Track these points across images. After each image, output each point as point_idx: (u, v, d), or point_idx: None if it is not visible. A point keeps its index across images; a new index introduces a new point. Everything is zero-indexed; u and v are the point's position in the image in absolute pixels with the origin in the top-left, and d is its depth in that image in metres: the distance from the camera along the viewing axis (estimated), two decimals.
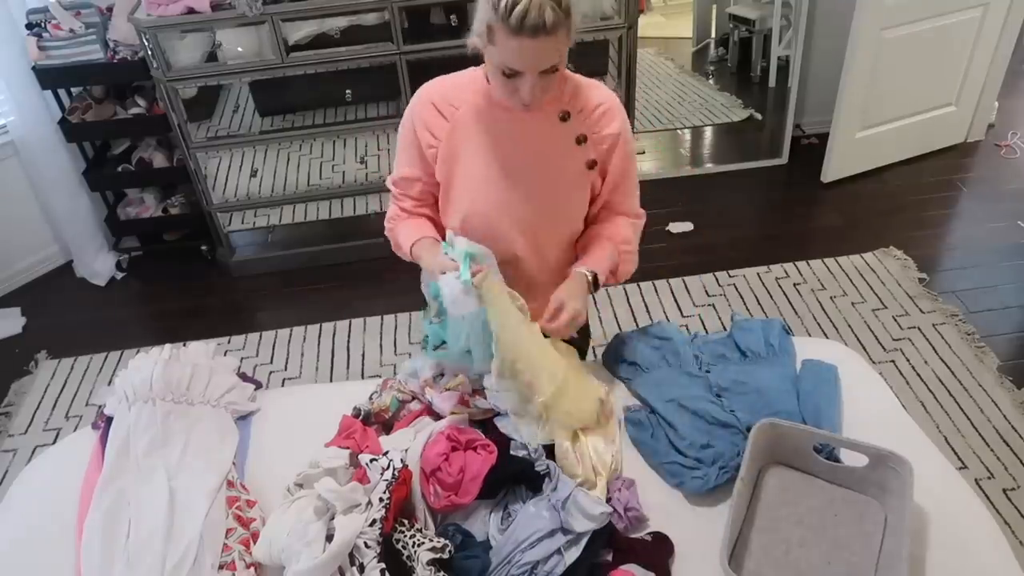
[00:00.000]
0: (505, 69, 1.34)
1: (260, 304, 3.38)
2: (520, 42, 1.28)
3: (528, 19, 1.25)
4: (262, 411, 1.70)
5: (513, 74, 1.34)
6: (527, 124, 1.48)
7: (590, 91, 1.52)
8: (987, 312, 2.97)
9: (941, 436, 2.46)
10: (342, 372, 2.94)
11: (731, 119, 4.51)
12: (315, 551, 1.22)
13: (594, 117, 1.50)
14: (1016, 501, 2.26)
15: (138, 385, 1.59)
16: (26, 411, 2.89)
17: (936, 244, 3.37)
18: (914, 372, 2.71)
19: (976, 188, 3.72)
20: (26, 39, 3.07)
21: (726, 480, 1.40)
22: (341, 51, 3.04)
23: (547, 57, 1.31)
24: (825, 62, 3.81)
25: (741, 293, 3.15)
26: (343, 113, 3.54)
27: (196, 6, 2.82)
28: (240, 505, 1.43)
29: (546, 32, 1.27)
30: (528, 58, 1.31)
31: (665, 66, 5.26)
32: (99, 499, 1.43)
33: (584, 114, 1.50)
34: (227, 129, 3.51)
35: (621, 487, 1.40)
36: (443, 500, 1.34)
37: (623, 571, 1.26)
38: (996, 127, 4.11)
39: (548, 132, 1.50)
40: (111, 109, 3.31)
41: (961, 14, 3.50)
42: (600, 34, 3.15)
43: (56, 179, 3.33)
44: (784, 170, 3.99)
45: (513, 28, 1.26)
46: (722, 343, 1.74)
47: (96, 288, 3.51)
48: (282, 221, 3.68)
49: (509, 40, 1.28)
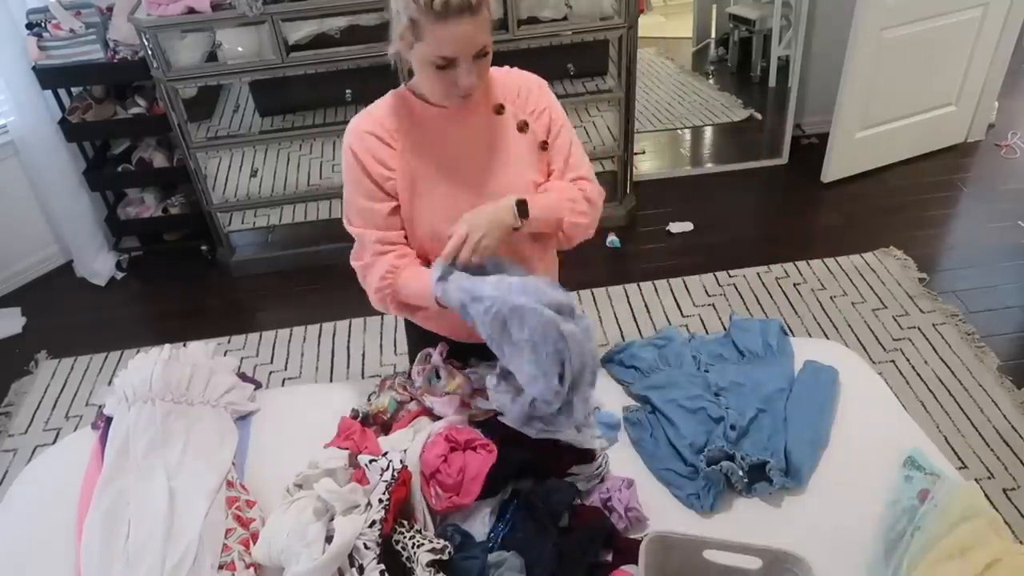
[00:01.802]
0: (437, 60, 1.32)
1: (260, 304, 3.38)
2: (449, 26, 1.26)
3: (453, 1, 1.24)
4: (262, 411, 1.71)
5: (447, 64, 1.32)
6: (469, 127, 1.47)
7: (507, 78, 1.52)
8: (987, 312, 2.97)
9: (941, 436, 2.46)
10: (342, 372, 2.94)
11: (731, 119, 4.51)
12: (314, 552, 1.22)
13: (521, 101, 1.51)
14: (1016, 501, 2.26)
15: (138, 385, 1.59)
16: (26, 411, 2.89)
17: (936, 244, 3.37)
18: (914, 372, 2.71)
19: (976, 188, 3.72)
20: (26, 39, 3.08)
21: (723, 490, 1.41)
22: (341, 51, 3.04)
23: (478, 38, 1.30)
24: (825, 62, 3.81)
25: (741, 293, 3.15)
26: (343, 113, 3.54)
27: (196, 6, 2.82)
28: (240, 505, 1.43)
29: (471, 11, 1.26)
30: (460, 41, 1.29)
31: (665, 66, 5.26)
32: (99, 499, 1.43)
33: (514, 101, 1.50)
34: (227, 129, 3.51)
35: (621, 487, 1.40)
36: (444, 501, 1.34)
37: (623, 571, 1.26)
38: (996, 127, 4.11)
39: (490, 128, 1.49)
40: (111, 109, 3.31)
41: (961, 14, 3.50)
42: (600, 34, 3.15)
43: (56, 179, 3.33)
44: (784, 170, 3.99)
45: (439, 12, 1.25)
46: (720, 343, 1.74)
47: (96, 288, 3.51)
48: (282, 221, 3.68)
49: (437, 28, 1.27)
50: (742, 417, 1.51)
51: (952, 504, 1.28)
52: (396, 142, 1.46)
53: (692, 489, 1.43)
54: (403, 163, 1.46)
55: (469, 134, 1.49)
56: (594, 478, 1.44)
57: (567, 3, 3.07)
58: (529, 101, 1.51)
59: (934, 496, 1.32)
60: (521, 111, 1.51)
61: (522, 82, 1.53)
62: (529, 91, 1.52)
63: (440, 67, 1.33)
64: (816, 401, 1.57)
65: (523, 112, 1.51)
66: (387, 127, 1.46)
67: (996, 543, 1.22)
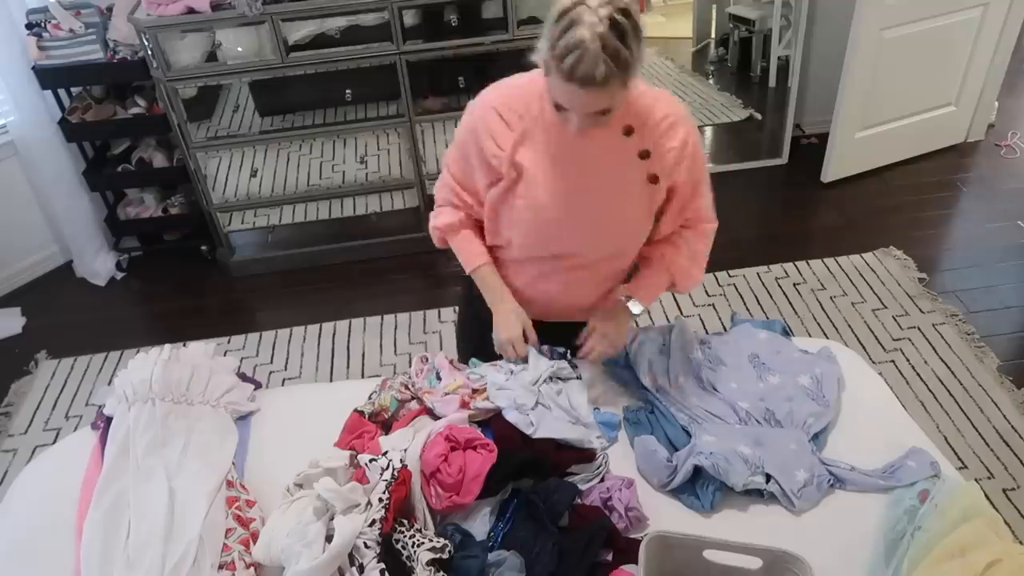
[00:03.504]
0: (556, 101, 1.33)
1: (260, 304, 3.38)
2: (570, 87, 1.26)
3: (579, 70, 1.22)
4: (262, 411, 1.70)
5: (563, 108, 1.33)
6: (591, 138, 1.44)
7: (655, 103, 1.46)
8: (987, 312, 2.97)
9: (941, 436, 2.46)
10: (342, 372, 2.94)
11: (731, 119, 4.51)
12: (315, 551, 1.22)
13: (660, 130, 1.45)
14: (1016, 501, 2.26)
15: (138, 385, 1.59)
16: (26, 411, 2.89)
17: (936, 244, 3.37)
18: (914, 372, 2.71)
19: (976, 188, 3.72)
20: (26, 39, 3.08)
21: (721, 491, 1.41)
22: (341, 51, 3.04)
23: (596, 104, 1.30)
24: (825, 62, 3.81)
25: (741, 293, 3.15)
26: (343, 113, 3.54)
27: (196, 6, 2.82)
28: (240, 505, 1.43)
29: (596, 85, 1.24)
30: (576, 103, 1.30)
31: (665, 66, 5.26)
32: (99, 499, 1.43)
33: (648, 128, 1.45)
34: (227, 129, 3.52)
35: (621, 487, 1.40)
36: (445, 501, 1.34)
37: (623, 571, 1.26)
38: (996, 127, 4.11)
39: (611, 147, 1.46)
40: (111, 109, 3.31)
41: (961, 14, 3.50)
42: None
43: (56, 179, 3.33)
44: (784, 170, 3.99)
45: (564, 74, 1.24)
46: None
47: (96, 288, 3.51)
48: (282, 221, 3.68)
49: (560, 82, 1.27)
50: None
51: (952, 504, 1.28)
52: (516, 125, 1.46)
53: (692, 489, 1.43)
54: (516, 148, 1.46)
55: (589, 145, 1.45)
56: (594, 478, 1.44)
57: None
58: (669, 134, 1.46)
59: (934, 496, 1.32)
60: (652, 140, 1.45)
61: (674, 115, 1.47)
62: (678, 128, 1.46)
63: (558, 107, 1.34)
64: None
65: (655, 142, 1.46)
66: (515, 108, 1.47)
67: (996, 543, 1.22)
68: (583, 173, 1.48)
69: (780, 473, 1.41)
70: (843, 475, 1.43)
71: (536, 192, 1.48)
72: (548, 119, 1.44)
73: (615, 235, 1.57)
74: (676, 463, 1.44)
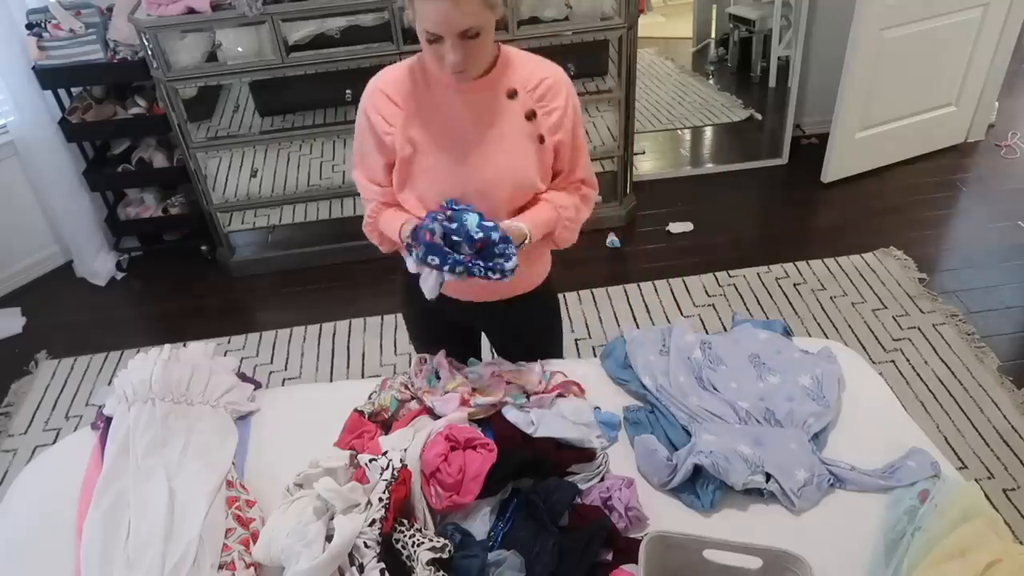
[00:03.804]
0: (427, 35, 1.35)
1: (260, 304, 3.38)
2: (433, 4, 1.30)
3: None
4: (262, 411, 1.70)
5: (435, 39, 1.35)
6: (475, 105, 1.49)
7: (535, 67, 1.52)
8: (987, 312, 2.97)
9: (941, 436, 2.46)
10: (342, 372, 2.94)
11: (731, 119, 4.51)
12: (315, 551, 1.22)
13: (539, 92, 1.51)
14: (1016, 501, 2.26)
15: (138, 385, 1.59)
16: (26, 411, 2.89)
17: (936, 244, 3.37)
18: (914, 372, 2.71)
19: (976, 188, 3.72)
20: (26, 39, 3.08)
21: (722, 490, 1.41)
22: (341, 51, 3.04)
23: (462, 19, 1.31)
24: (825, 62, 3.81)
25: (741, 293, 3.15)
26: (343, 113, 3.54)
27: (196, 6, 2.82)
28: (240, 505, 1.43)
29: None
30: (443, 20, 1.31)
31: (665, 66, 5.26)
32: (99, 499, 1.43)
33: (531, 90, 1.51)
34: (227, 129, 3.51)
35: (621, 486, 1.40)
36: (445, 501, 1.34)
37: (623, 571, 1.26)
38: (996, 127, 4.11)
39: (498, 109, 1.50)
40: (111, 109, 3.31)
41: (961, 14, 3.50)
42: (600, 34, 3.15)
43: (56, 179, 3.33)
44: (784, 170, 3.99)
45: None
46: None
47: (96, 288, 3.51)
48: (282, 221, 3.68)
49: (424, 3, 1.31)
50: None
51: (952, 504, 1.28)
52: (403, 103, 1.51)
53: (692, 489, 1.43)
54: (405, 125, 1.51)
55: (474, 111, 1.50)
56: (594, 477, 1.44)
57: (567, 3, 3.07)
58: (548, 95, 1.51)
59: (934, 496, 1.32)
60: (535, 101, 1.51)
61: (553, 76, 1.52)
62: (549, 87, 1.51)
63: (430, 41, 1.36)
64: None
65: (537, 104, 1.51)
66: (399, 88, 1.52)
67: (996, 543, 1.22)
68: (477, 140, 1.51)
69: (780, 473, 1.41)
70: (843, 475, 1.43)
71: (432, 163, 1.51)
72: (436, 93, 1.50)
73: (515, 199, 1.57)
74: (676, 462, 1.44)
